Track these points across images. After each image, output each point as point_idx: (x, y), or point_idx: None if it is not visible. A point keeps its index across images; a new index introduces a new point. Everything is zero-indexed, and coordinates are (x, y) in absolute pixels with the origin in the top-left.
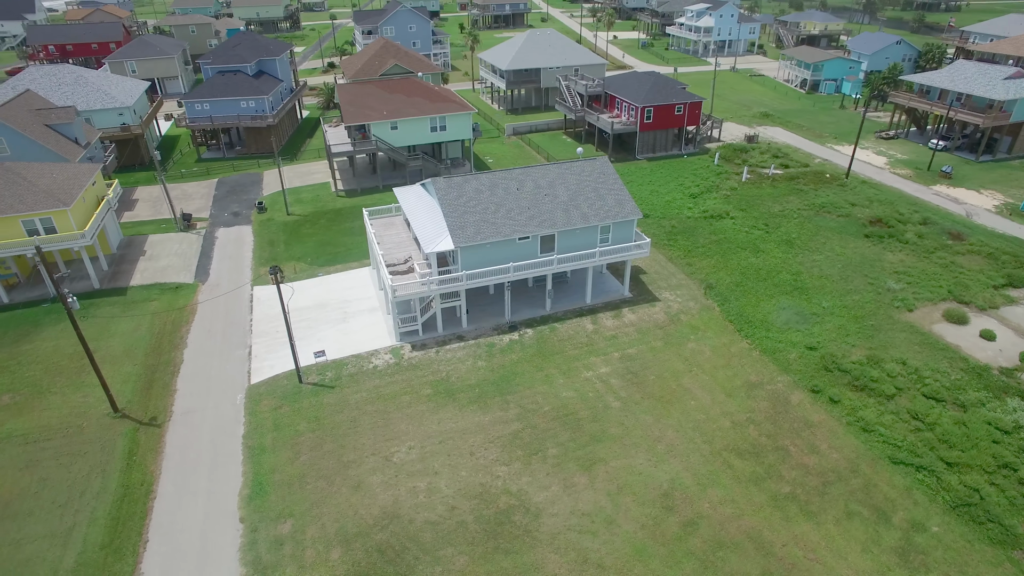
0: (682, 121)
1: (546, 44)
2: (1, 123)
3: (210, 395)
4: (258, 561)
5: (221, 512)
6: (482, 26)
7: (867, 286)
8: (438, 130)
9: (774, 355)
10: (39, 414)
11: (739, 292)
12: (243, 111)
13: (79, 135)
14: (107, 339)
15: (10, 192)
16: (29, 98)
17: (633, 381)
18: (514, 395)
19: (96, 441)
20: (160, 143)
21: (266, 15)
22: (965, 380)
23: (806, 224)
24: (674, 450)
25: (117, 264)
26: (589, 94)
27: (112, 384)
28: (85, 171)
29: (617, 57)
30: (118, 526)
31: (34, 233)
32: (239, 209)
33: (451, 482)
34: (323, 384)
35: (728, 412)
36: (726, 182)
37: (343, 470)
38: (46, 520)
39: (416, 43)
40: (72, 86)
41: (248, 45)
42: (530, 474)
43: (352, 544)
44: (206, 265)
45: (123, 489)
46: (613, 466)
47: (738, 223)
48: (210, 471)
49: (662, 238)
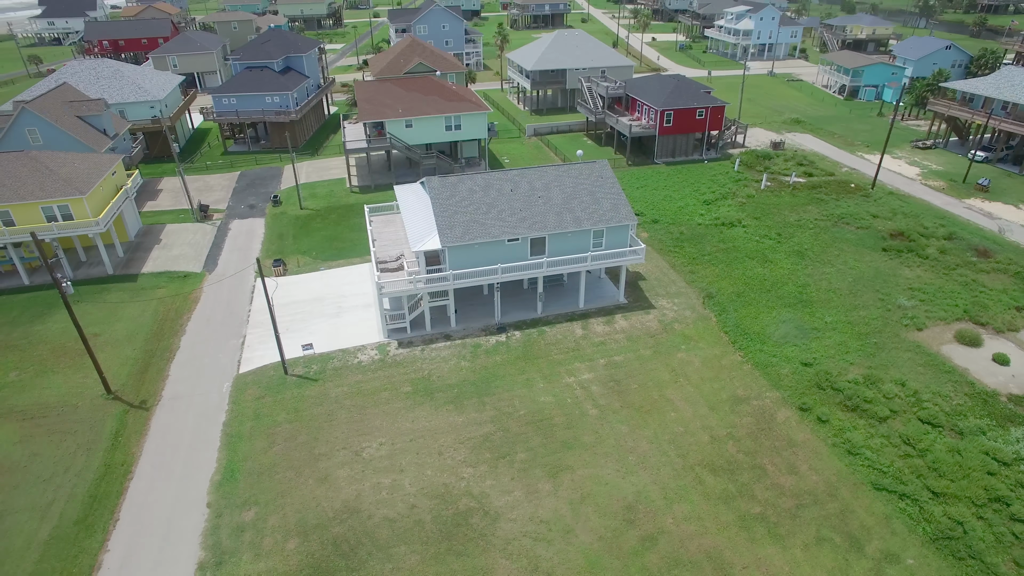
0: (704, 126)
1: (573, 45)
2: (34, 114)
3: (199, 382)
4: (218, 546)
5: (191, 496)
6: (521, 26)
7: (876, 302)
8: (453, 129)
9: (766, 369)
10: (39, 392)
11: (740, 303)
12: (267, 106)
13: (108, 126)
14: (113, 323)
15: (32, 180)
16: (64, 91)
17: (615, 389)
18: (492, 397)
19: (87, 421)
20: (192, 135)
21: (310, 12)
22: (968, 406)
23: (821, 235)
24: (645, 462)
25: (133, 251)
26: (611, 96)
27: (111, 367)
28: (105, 161)
29: (652, 59)
30: (94, 503)
31: (53, 219)
32: (255, 202)
33: (415, 480)
34: (307, 377)
35: (708, 426)
36: (744, 189)
37: (313, 462)
38: (30, 493)
39: (449, 42)
40: (109, 79)
41: (277, 42)
42: (495, 477)
43: (309, 536)
44: (216, 256)
45: (104, 468)
46: (580, 475)
47: (749, 232)
48: (187, 455)
49: (668, 245)
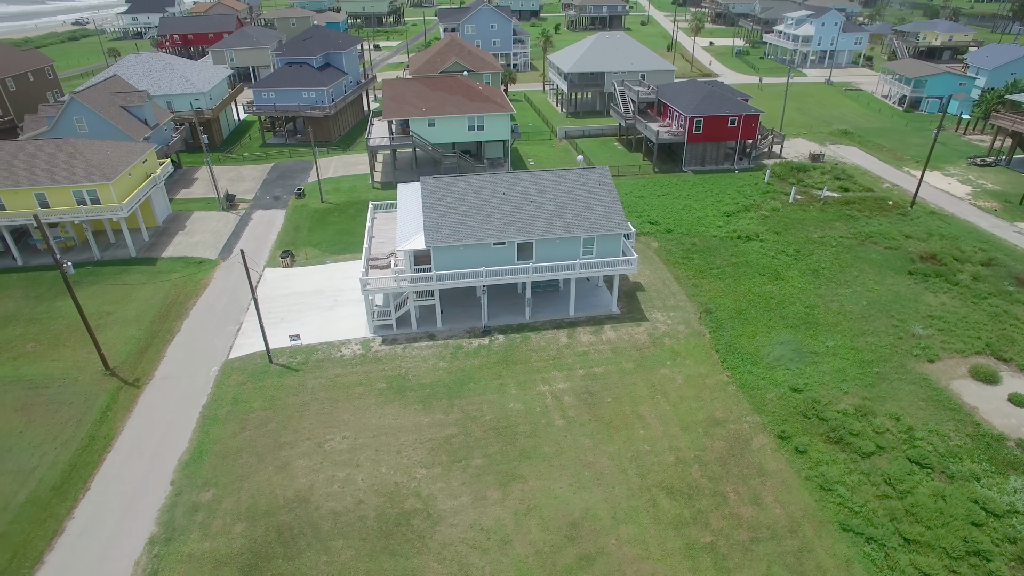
0: (736, 134)
1: (613, 48)
2: (81, 104)
3: (190, 364)
4: (171, 523)
5: (158, 472)
6: (578, 27)
7: (889, 328)
8: (476, 129)
9: (751, 392)
10: (48, 363)
11: (739, 320)
12: (304, 101)
13: (149, 116)
14: (126, 303)
15: (67, 165)
16: (114, 82)
17: (587, 401)
18: (461, 400)
19: (83, 394)
20: (237, 127)
21: (371, 10)
22: (967, 448)
23: (843, 254)
24: (601, 478)
25: (158, 236)
26: (642, 101)
27: (115, 345)
28: (136, 150)
29: (704, 64)
30: (72, 472)
31: (82, 203)
32: (280, 193)
33: (368, 476)
34: (289, 367)
35: (676, 447)
36: (770, 202)
37: (276, 450)
38: (19, 458)
39: (496, 42)
40: (160, 72)
41: (318, 39)
42: (446, 481)
43: (257, 521)
44: (233, 244)
45: (88, 439)
46: (530, 485)
47: (766, 246)
48: (163, 434)
49: (677, 256)
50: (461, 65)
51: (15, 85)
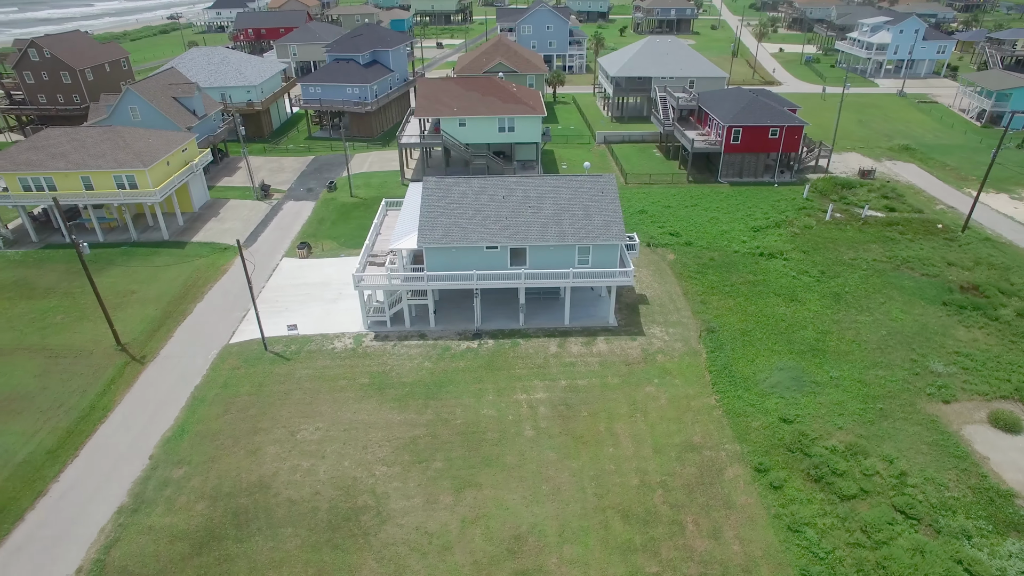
0: (777, 146)
1: (663, 52)
2: (135, 94)
3: (194, 346)
4: (141, 495)
5: (141, 446)
6: (644, 30)
7: (906, 362)
8: (506, 131)
9: (736, 419)
10: (71, 335)
11: (742, 342)
12: (348, 96)
13: (197, 107)
14: (149, 284)
15: (111, 151)
16: (169, 74)
17: (562, 414)
18: (437, 402)
19: (94, 366)
20: (288, 120)
21: (440, 8)
22: (965, 501)
23: (873, 278)
24: (558, 494)
25: (192, 221)
26: (682, 108)
27: (132, 322)
28: (176, 139)
29: (768, 72)
30: (67, 438)
31: (121, 187)
32: (314, 186)
33: (330, 469)
34: (282, 355)
35: (643, 469)
36: (804, 219)
37: (252, 435)
38: (27, 420)
39: (552, 43)
40: (218, 65)
41: (368, 37)
42: (403, 480)
43: (218, 502)
44: (259, 232)
45: (88, 409)
46: (485, 494)
47: (789, 265)
48: (154, 410)
49: (692, 269)
50: (505, 66)
51: (93, 75)
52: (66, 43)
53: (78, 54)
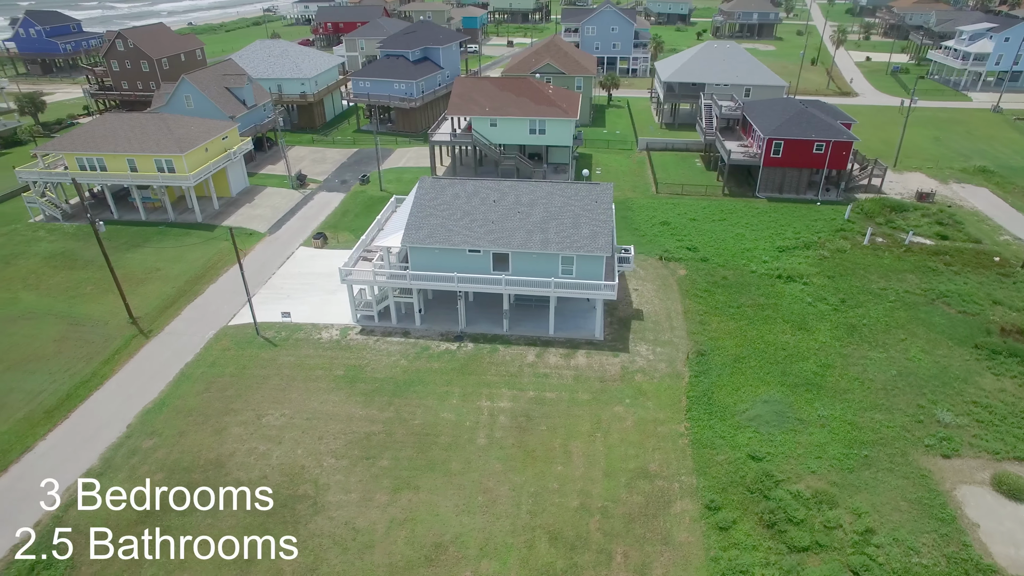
0: (821, 162)
1: (720, 58)
2: (190, 84)
3: (196, 324)
4: (109, 461)
5: (122, 415)
6: (724, 34)
7: (911, 407)
8: (537, 133)
9: (701, 449)
10: (93, 305)
11: (732, 368)
12: (394, 92)
13: (248, 97)
14: (175, 263)
15: (154, 136)
16: (226, 65)
17: (521, 425)
18: (401, 400)
19: (105, 336)
20: (343, 112)
21: (518, 6)
22: (934, 571)
23: (899, 311)
24: (492, 506)
25: (226, 206)
26: (727, 117)
27: (148, 298)
28: (217, 127)
29: (845, 81)
30: (65, 401)
31: (161, 170)
32: (349, 178)
33: (283, 455)
34: (271, 341)
35: (587, 492)
36: (839, 241)
37: (222, 415)
38: (37, 380)
39: (616, 44)
40: (277, 58)
41: (421, 33)
42: (346, 474)
43: (173, 475)
44: (285, 220)
45: (90, 375)
46: (420, 497)
47: (807, 291)
48: (144, 382)
49: (700, 287)
50: (552, 67)
51: (168, 64)
52: (147, 35)
53: (156, 45)
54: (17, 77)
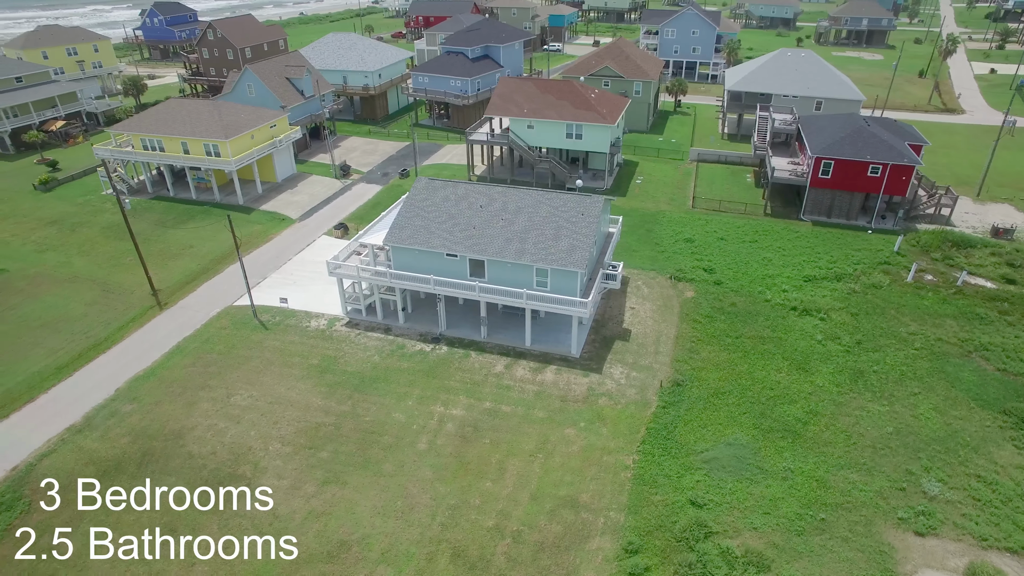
0: (877, 186)
1: (792, 67)
2: (252, 74)
3: (206, 302)
4: (91, 419)
5: (115, 379)
6: (828, 41)
7: (897, 471)
8: (573, 137)
9: (641, 486)
10: (127, 275)
11: (706, 404)
12: (450, 88)
13: (306, 88)
14: (207, 242)
15: (205, 122)
16: (291, 57)
17: (466, 435)
18: (361, 395)
19: (126, 303)
20: (407, 105)
21: (613, 5)
22: None
23: (921, 361)
24: (408, 513)
25: (269, 191)
26: (781, 132)
27: (174, 273)
28: (266, 115)
29: (952, 97)
30: (73, 361)
31: (209, 154)
32: (391, 171)
33: (237, 435)
34: (264, 324)
35: (508, 513)
36: (878, 275)
37: (198, 390)
38: (59, 339)
39: (696, 49)
40: (345, 50)
41: (484, 31)
42: (285, 461)
43: (138, 439)
44: (318, 208)
45: (101, 340)
46: (344, 493)
47: (822, 327)
48: (144, 350)
49: (703, 311)
50: (611, 70)
51: (252, 53)
52: (234, 25)
53: (241, 34)
54: (140, 62)
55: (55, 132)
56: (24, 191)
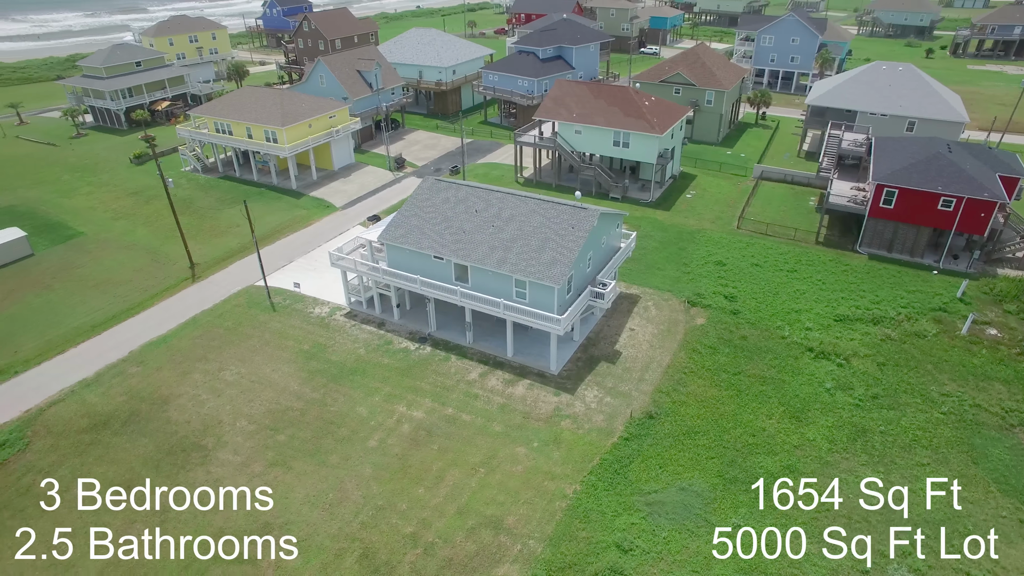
0: (949, 221)
1: (884, 83)
2: (323, 66)
3: (233, 279)
4: (100, 376)
5: (133, 342)
6: (966, 53)
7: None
8: (620, 146)
9: (574, 519)
10: (177, 247)
11: (673, 442)
12: (516, 88)
13: (374, 80)
14: (254, 221)
15: (267, 109)
16: (364, 51)
17: (417, 439)
18: (336, 386)
19: (167, 274)
20: (481, 103)
21: (725, 8)
22: None
23: (944, 428)
24: (335, 507)
25: (324, 178)
26: (849, 154)
27: (214, 249)
28: (326, 105)
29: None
30: (105, 322)
31: (268, 140)
32: (444, 166)
33: (213, 407)
34: (275, 306)
35: (429, 523)
36: (925, 323)
37: (195, 361)
38: (102, 299)
39: (796, 58)
40: (425, 45)
41: (558, 32)
42: (245, 438)
43: (131, 400)
44: (363, 198)
45: (134, 304)
46: (285, 478)
47: (836, 374)
48: (165, 319)
49: (708, 342)
50: (683, 77)
51: (341, 45)
52: (327, 18)
53: (333, 27)
54: (255, 49)
55: (160, 112)
56: (122, 164)
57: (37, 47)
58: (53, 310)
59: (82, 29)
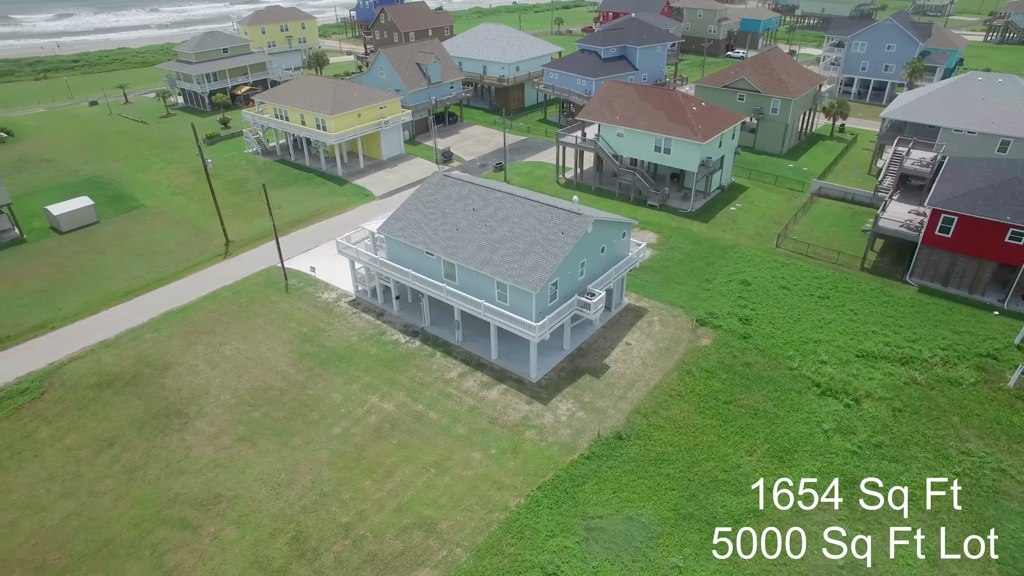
0: (1019, 257)
1: (977, 96)
2: (384, 58)
3: (260, 259)
4: (119, 338)
5: (155, 311)
6: None
7: None
8: (661, 151)
9: (507, 533)
10: (215, 225)
11: (636, 467)
12: (575, 87)
13: (433, 74)
14: (293, 205)
15: (320, 98)
16: (426, 44)
17: (381, 431)
18: (322, 371)
19: (204, 249)
20: (545, 100)
21: (831, 11)
22: None
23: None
24: (284, 487)
25: (370, 167)
26: (912, 174)
27: (252, 228)
28: (377, 96)
29: None
30: (138, 289)
31: (318, 127)
32: (489, 163)
33: (205, 378)
34: (289, 288)
35: (365, 516)
36: (964, 369)
37: (202, 333)
38: (140, 268)
39: (889, 67)
40: (492, 41)
41: (625, 31)
42: (224, 411)
43: (138, 363)
44: (404, 189)
45: (167, 275)
46: (248, 454)
47: (840, 415)
48: (189, 290)
49: (707, 366)
50: (747, 83)
51: (415, 37)
52: (403, 11)
53: (408, 19)
54: (345, 39)
55: (240, 96)
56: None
57: (162, 35)
58: (101, 273)
59: (203, 18)
